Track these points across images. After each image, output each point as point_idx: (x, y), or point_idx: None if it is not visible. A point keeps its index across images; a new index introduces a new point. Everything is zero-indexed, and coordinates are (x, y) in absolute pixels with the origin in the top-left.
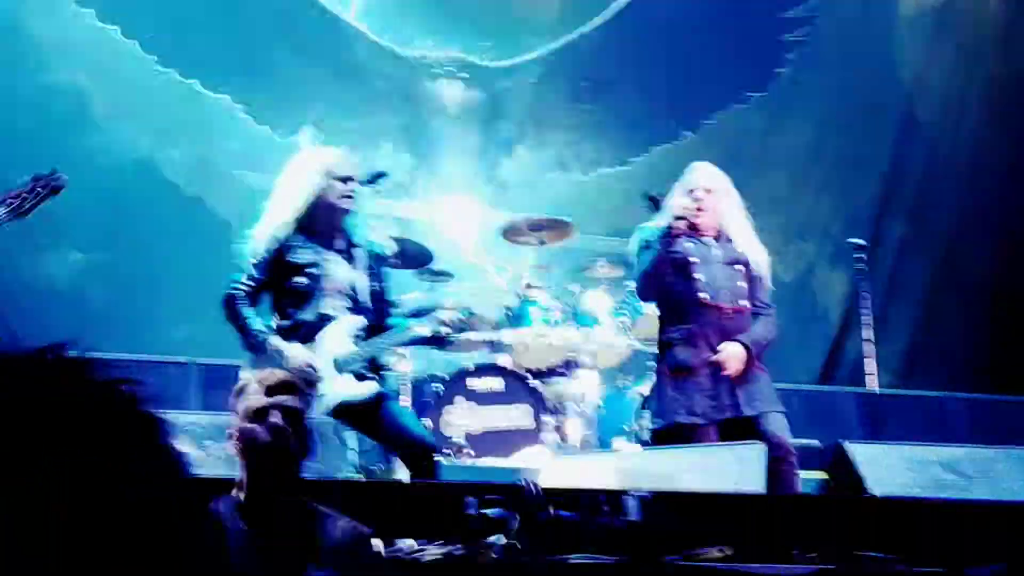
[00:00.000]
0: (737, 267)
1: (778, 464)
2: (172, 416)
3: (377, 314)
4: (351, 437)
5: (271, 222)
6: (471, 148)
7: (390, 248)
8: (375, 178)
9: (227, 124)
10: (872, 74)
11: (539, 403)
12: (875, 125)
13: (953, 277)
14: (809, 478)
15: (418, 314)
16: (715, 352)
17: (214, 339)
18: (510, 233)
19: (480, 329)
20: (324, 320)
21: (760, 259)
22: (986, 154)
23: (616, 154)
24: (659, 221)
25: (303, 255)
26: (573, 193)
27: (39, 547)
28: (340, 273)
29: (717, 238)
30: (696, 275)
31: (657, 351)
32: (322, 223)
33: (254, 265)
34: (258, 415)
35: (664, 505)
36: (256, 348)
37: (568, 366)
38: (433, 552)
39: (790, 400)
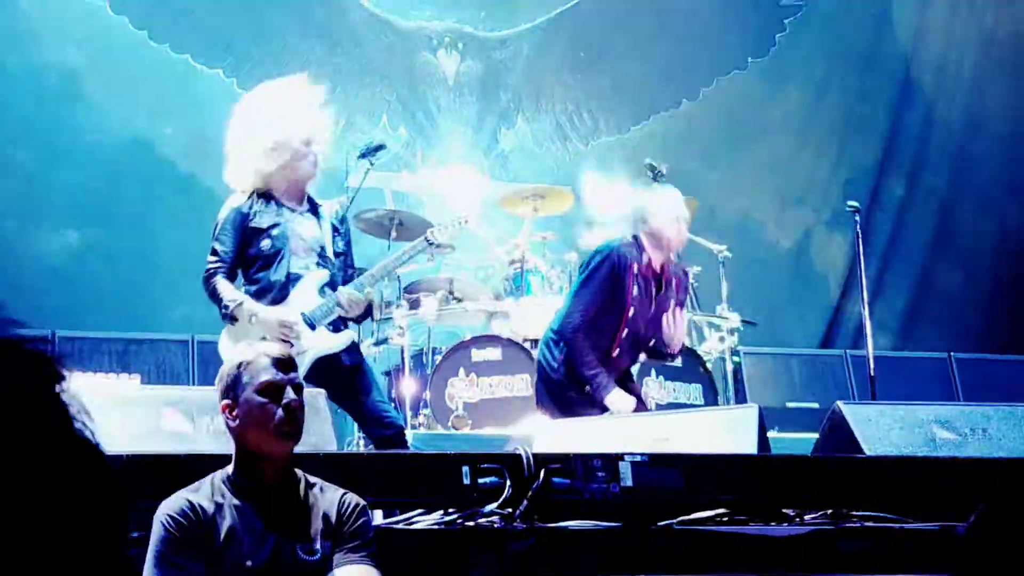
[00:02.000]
0: (658, 320)
1: None
2: (163, 391)
3: (343, 272)
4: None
5: (233, 195)
6: (469, 119)
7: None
8: (373, 151)
9: (221, 99)
10: (869, 36)
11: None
12: (873, 87)
13: (951, 237)
14: (808, 439)
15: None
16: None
17: (211, 315)
18: (506, 202)
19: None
20: (293, 279)
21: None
22: (984, 113)
23: (615, 122)
24: (643, 250)
25: (265, 218)
26: (573, 162)
27: None
28: (305, 232)
29: (657, 279)
30: (622, 332)
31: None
32: (284, 185)
33: (221, 238)
34: (273, 392)
35: (659, 468)
36: (232, 317)
37: None
38: (429, 521)
39: (790, 364)
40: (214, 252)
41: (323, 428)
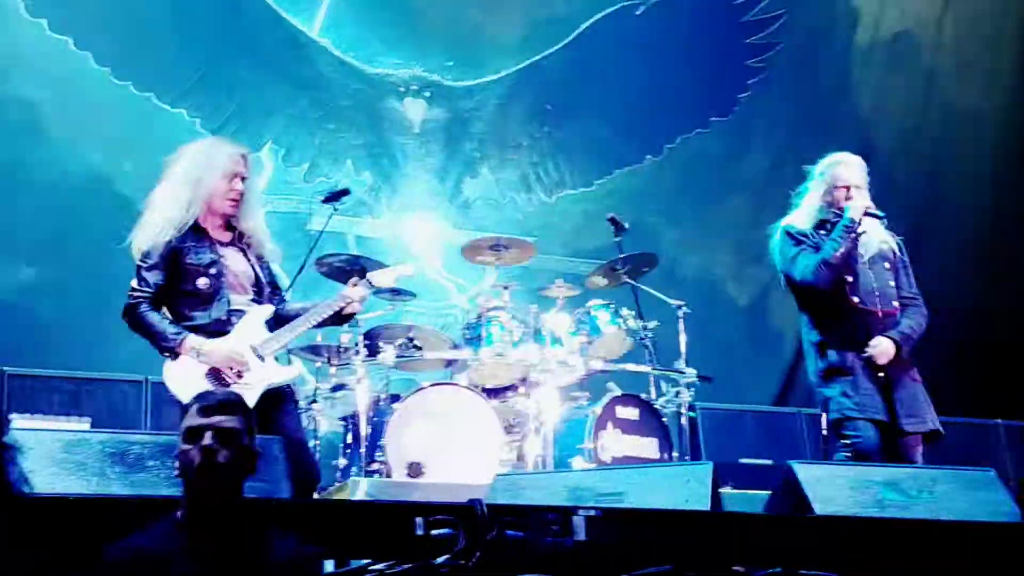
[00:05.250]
0: (885, 264)
1: None
2: (115, 436)
3: (273, 295)
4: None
5: (158, 224)
6: (434, 167)
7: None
8: (337, 195)
9: (183, 138)
10: (830, 102)
11: (496, 421)
12: (833, 152)
13: None
14: (760, 495)
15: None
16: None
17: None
18: (469, 252)
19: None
20: (233, 315)
21: (897, 247)
22: (942, 182)
23: (579, 176)
24: (853, 211)
25: (200, 256)
26: (536, 214)
27: None
28: (239, 267)
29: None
30: (847, 277)
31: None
32: (211, 220)
33: (150, 270)
34: (193, 436)
35: (612, 523)
36: (173, 351)
37: (526, 384)
38: (380, 572)
39: (745, 420)
40: (141, 280)
41: (277, 474)
